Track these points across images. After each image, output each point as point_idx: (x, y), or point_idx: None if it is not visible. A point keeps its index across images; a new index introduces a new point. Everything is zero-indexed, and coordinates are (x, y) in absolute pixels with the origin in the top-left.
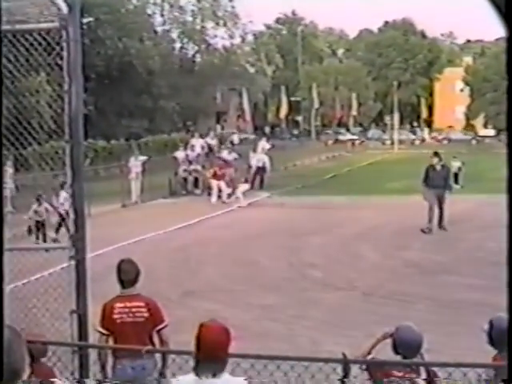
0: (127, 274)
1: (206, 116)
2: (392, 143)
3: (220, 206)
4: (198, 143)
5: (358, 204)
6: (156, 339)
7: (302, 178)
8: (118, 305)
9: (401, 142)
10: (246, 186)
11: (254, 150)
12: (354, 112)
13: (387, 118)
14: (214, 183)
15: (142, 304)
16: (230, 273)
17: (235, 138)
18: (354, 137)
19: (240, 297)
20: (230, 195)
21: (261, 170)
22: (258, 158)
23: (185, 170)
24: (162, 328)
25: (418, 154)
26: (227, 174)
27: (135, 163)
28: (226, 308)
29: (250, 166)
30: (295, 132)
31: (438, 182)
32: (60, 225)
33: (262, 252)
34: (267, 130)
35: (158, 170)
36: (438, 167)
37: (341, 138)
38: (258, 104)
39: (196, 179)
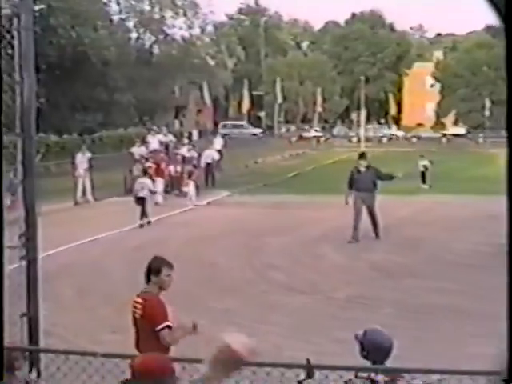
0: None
1: (164, 110)
2: (358, 141)
3: (177, 205)
4: (154, 139)
5: (321, 204)
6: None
7: (263, 176)
8: (134, 299)
9: (367, 139)
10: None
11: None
12: (318, 108)
13: (353, 115)
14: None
15: (140, 301)
16: (187, 274)
17: (194, 134)
18: (319, 134)
19: (198, 300)
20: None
21: (210, 166)
22: (207, 154)
23: (139, 168)
24: (160, 329)
25: (386, 153)
26: (185, 171)
27: (82, 159)
28: (183, 311)
29: (195, 165)
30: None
31: (363, 184)
32: None
33: (222, 253)
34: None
35: (114, 166)
36: (363, 169)
37: (305, 134)
38: (219, 98)
39: (151, 177)
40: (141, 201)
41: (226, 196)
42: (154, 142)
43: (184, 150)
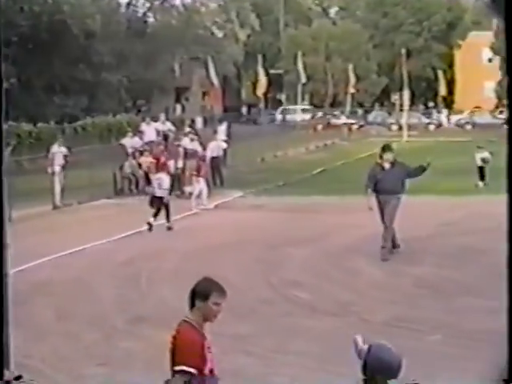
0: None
1: (162, 93)
2: (400, 129)
3: (179, 209)
4: (149, 128)
5: (353, 206)
6: None
7: (284, 173)
8: None
9: (412, 127)
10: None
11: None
12: (351, 89)
13: (394, 97)
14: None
15: (174, 332)
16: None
17: (198, 121)
18: (352, 120)
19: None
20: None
21: (216, 161)
22: (213, 146)
23: (132, 163)
24: (174, 372)
25: (434, 143)
26: (188, 167)
27: (59, 153)
28: None
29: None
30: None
31: (388, 185)
32: None
33: (233, 267)
34: (244, 110)
35: (100, 161)
36: (387, 165)
37: (334, 121)
38: (229, 78)
39: (148, 174)
40: (157, 201)
41: (237, 197)
42: (149, 131)
43: (186, 141)
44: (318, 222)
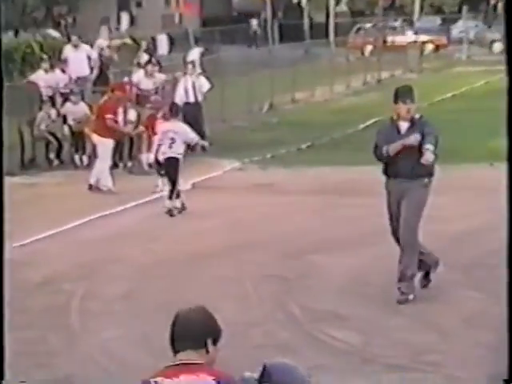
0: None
1: None
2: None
3: (134, 191)
4: (78, 55)
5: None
6: None
7: (308, 129)
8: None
9: None
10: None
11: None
12: None
13: None
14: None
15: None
16: (157, 335)
17: (162, 43)
18: (425, 37)
19: None
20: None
21: (193, 109)
22: (187, 85)
23: (51, 115)
24: None
25: None
26: (144, 121)
27: None
28: None
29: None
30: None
31: (403, 159)
32: None
33: (229, 288)
34: (254, 23)
35: None
36: (404, 125)
37: (394, 38)
38: None
39: (79, 134)
40: (170, 165)
41: (230, 170)
42: (78, 59)
43: (140, 76)
44: (366, 211)
